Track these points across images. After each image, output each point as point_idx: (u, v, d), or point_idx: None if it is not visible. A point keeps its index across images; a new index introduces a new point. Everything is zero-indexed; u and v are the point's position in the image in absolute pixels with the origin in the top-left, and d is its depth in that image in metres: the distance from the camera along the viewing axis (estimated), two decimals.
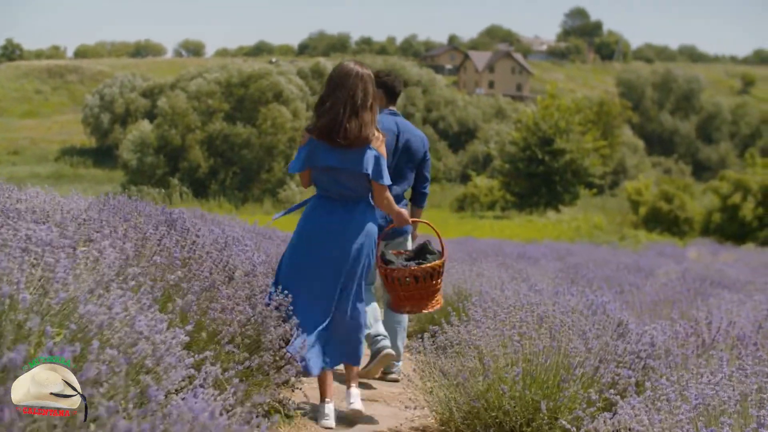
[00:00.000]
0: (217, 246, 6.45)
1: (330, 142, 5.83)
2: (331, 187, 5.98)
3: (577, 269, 13.28)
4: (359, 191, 5.99)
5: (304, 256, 6.00)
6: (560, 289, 8.49)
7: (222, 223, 11.19)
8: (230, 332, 4.73)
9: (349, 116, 5.78)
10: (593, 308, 7.23)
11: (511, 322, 5.49)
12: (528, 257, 16.42)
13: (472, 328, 5.56)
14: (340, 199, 5.99)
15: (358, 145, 5.84)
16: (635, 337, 5.62)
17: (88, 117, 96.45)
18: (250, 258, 7.26)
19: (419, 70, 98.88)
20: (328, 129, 5.81)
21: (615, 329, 5.77)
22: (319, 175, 5.98)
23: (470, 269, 10.32)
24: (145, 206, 7.61)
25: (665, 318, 8.14)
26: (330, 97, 5.84)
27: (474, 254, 15.02)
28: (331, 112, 5.79)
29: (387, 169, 5.99)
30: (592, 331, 5.44)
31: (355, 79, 5.83)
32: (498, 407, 5.14)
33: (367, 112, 5.85)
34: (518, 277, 10.38)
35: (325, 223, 5.98)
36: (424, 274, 6.40)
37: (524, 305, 6.08)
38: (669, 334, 5.83)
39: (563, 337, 5.20)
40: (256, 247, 8.76)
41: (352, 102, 5.79)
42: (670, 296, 10.14)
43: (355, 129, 5.78)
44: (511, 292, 7.71)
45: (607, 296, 8.24)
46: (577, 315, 5.88)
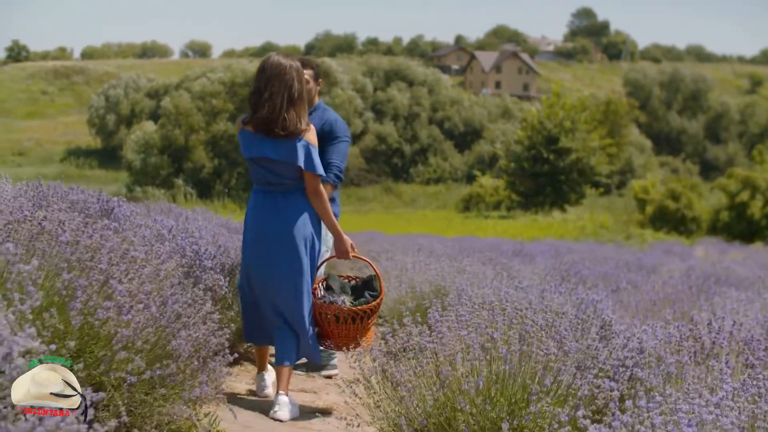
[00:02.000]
0: (145, 238, 5.67)
1: (268, 133, 5.95)
2: (266, 178, 6.07)
3: (572, 266, 12.22)
4: (293, 181, 6.07)
5: (250, 252, 6.18)
6: (547, 287, 7.67)
7: (187, 216, 10.35)
8: (125, 336, 3.86)
9: (287, 108, 5.90)
10: (582, 307, 6.40)
11: (475, 323, 4.56)
12: (524, 254, 15.48)
13: (429, 330, 4.61)
14: (276, 190, 6.09)
15: (293, 136, 5.94)
16: (621, 341, 4.57)
17: (93, 118, 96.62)
18: (190, 248, 6.47)
19: (425, 69, 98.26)
20: (267, 120, 5.92)
21: (598, 331, 4.81)
22: (253, 166, 6.09)
23: (450, 264, 9.41)
24: (78, 194, 6.78)
25: (663, 319, 7.27)
26: (266, 89, 5.91)
27: (465, 251, 14.18)
28: (270, 104, 5.88)
29: (319, 159, 6.08)
30: (569, 333, 4.47)
31: (290, 70, 5.94)
32: (454, 427, 4.24)
33: (302, 102, 5.99)
34: (504, 274, 9.46)
35: (264, 217, 6.10)
36: (345, 316, 6.14)
37: (497, 304, 5.20)
38: (661, 338, 4.77)
39: (534, 340, 4.25)
40: (213, 241, 7.97)
41: (290, 93, 5.91)
42: (670, 295, 9.07)
43: (294, 119, 5.91)
44: (491, 289, 6.85)
45: (600, 295, 7.41)
46: (553, 314, 4.93)
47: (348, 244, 6.28)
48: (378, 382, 4.60)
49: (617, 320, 6.21)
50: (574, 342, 4.34)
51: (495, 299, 6.22)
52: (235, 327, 6.27)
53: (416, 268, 9.65)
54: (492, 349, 4.13)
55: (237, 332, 6.59)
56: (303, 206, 6.09)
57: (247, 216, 6.22)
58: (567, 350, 4.24)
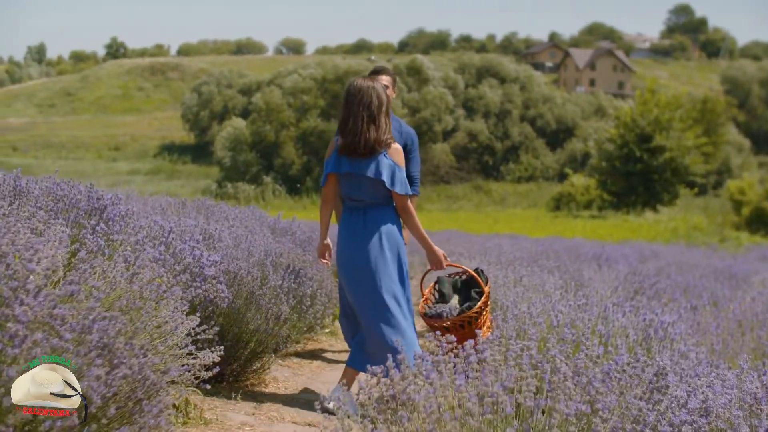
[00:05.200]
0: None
1: (354, 155, 6.04)
2: (354, 195, 6.13)
3: (650, 276, 10.85)
4: (380, 198, 6.13)
5: (344, 271, 6.20)
6: (616, 300, 6.58)
7: (227, 215, 9.44)
8: (10, 377, 2.89)
9: (368, 127, 5.99)
10: (648, 332, 5.32)
11: (474, 367, 3.39)
12: (604, 259, 14.22)
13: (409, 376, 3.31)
14: (361, 207, 6.17)
15: (377, 152, 6.03)
16: (681, 393, 3.33)
17: (186, 114, 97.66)
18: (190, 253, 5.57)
19: (517, 66, 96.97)
20: (352, 144, 6.01)
21: (651, 379, 3.61)
22: (342, 181, 6.16)
23: (505, 275, 8.24)
24: (69, 190, 5.87)
25: (751, 351, 6.00)
26: (350, 115, 6.02)
27: (540, 255, 13.04)
28: (353, 128, 5.99)
29: (406, 179, 6.14)
30: (613, 381, 3.31)
31: (367, 90, 6.03)
32: None
33: (383, 116, 6.06)
34: (573, 284, 8.29)
35: (352, 236, 6.15)
36: (453, 326, 6.27)
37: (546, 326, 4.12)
38: (735, 395, 3.38)
39: (560, 392, 3.06)
40: (235, 245, 7.05)
41: (369, 112, 6.00)
42: (759, 314, 7.42)
43: (375, 136, 5.99)
44: (540, 308, 5.77)
45: (675, 314, 6.28)
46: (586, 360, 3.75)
47: (440, 255, 6.33)
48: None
49: (690, 348, 5.08)
50: (613, 395, 3.19)
51: (543, 320, 5.19)
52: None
53: None
54: (495, 407, 3.00)
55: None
56: (390, 221, 6.18)
57: (339, 234, 6.29)
58: (600, 408, 3.08)
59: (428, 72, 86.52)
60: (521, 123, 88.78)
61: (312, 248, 9.64)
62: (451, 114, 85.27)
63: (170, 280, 5.02)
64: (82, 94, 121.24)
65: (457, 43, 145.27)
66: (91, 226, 5.36)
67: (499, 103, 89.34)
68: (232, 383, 6.21)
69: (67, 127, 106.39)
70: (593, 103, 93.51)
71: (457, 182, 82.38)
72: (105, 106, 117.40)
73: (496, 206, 74.76)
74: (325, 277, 8.15)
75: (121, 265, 4.61)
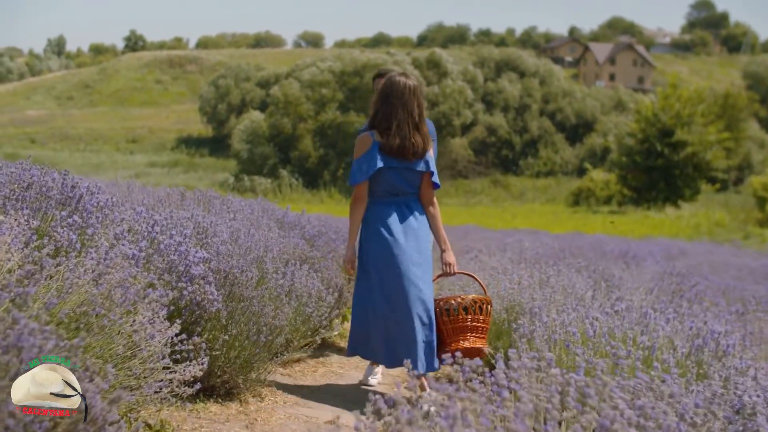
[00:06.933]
0: None
1: (402, 158, 6.08)
2: (395, 188, 6.14)
3: (687, 276, 10.05)
4: (415, 191, 6.21)
5: (386, 264, 6.10)
6: (656, 305, 5.91)
7: (229, 208, 8.78)
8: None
9: (414, 133, 6.05)
10: (696, 343, 4.65)
11: (475, 410, 2.55)
12: (631, 257, 13.48)
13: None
14: (400, 201, 6.18)
15: (424, 154, 6.13)
16: None
17: (204, 107, 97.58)
18: (175, 250, 4.93)
19: (536, 60, 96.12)
20: (401, 148, 6.04)
21: (730, 418, 2.85)
22: (385, 173, 6.10)
23: (530, 275, 7.51)
24: (41, 176, 5.21)
25: None
26: (393, 117, 6.03)
27: (562, 252, 12.32)
28: (401, 133, 6.03)
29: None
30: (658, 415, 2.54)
31: (410, 95, 6.05)
32: None
33: (423, 123, 6.14)
34: (603, 284, 7.58)
35: (397, 227, 6.08)
36: (455, 307, 6.12)
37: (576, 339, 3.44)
38: None
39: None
40: (232, 240, 6.41)
41: (413, 119, 6.04)
42: None
43: (421, 143, 6.07)
44: (574, 316, 5.07)
45: (722, 322, 5.60)
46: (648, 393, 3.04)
47: (452, 258, 6.32)
48: None
49: (748, 363, 4.39)
50: None
51: (577, 329, 4.53)
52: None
53: (492, 277, 7.84)
54: None
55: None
56: (424, 215, 6.24)
57: (375, 228, 6.13)
58: None
59: (447, 66, 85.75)
60: (540, 117, 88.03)
61: (322, 243, 9.02)
62: (470, 108, 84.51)
63: (148, 281, 4.37)
64: (101, 86, 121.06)
65: (476, 38, 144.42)
66: (62, 218, 4.73)
67: (519, 98, 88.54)
68: (224, 396, 5.50)
69: (85, 119, 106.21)
70: (613, 98, 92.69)
71: (476, 177, 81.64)
72: (123, 99, 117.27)
73: (515, 201, 74.02)
74: (334, 275, 7.51)
75: (91, 263, 3.99)
